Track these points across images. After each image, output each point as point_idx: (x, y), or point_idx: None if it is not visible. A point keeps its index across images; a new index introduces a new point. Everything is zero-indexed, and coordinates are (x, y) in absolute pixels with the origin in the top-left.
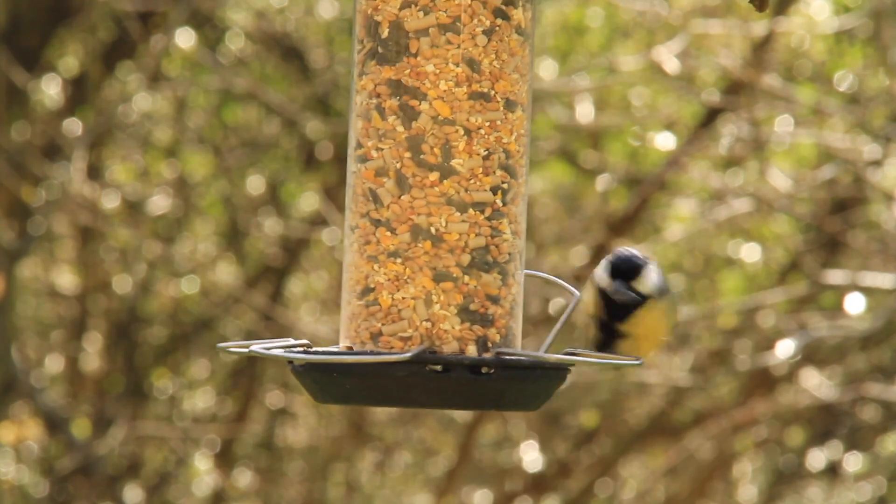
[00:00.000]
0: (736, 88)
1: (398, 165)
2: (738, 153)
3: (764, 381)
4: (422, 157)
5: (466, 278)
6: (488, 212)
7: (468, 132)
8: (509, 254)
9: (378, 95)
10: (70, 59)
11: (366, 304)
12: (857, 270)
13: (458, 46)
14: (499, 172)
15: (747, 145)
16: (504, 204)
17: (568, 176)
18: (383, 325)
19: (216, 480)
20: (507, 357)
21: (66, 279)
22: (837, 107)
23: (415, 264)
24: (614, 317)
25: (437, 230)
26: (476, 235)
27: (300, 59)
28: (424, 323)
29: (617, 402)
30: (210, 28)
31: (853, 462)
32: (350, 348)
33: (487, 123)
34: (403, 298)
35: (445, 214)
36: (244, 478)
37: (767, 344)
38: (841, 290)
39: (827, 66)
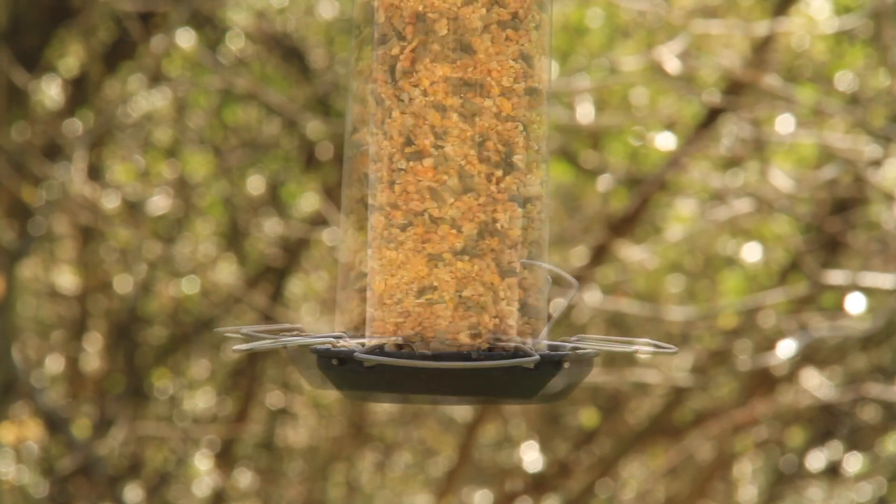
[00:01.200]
0: (736, 89)
1: (462, 163)
2: (739, 153)
3: (764, 382)
4: (486, 153)
5: (526, 272)
6: (539, 205)
7: (525, 128)
8: (546, 246)
9: (435, 93)
10: (70, 60)
11: (427, 301)
12: (858, 271)
13: (517, 42)
14: (543, 166)
15: (748, 145)
16: (546, 196)
17: (568, 176)
18: (450, 322)
19: (216, 481)
20: (581, 351)
21: (67, 279)
22: (838, 107)
23: (482, 262)
24: None
25: (502, 226)
26: (532, 229)
27: (300, 60)
28: (493, 319)
29: (617, 402)
30: (210, 28)
31: (853, 462)
32: (400, 346)
33: (538, 118)
34: (472, 296)
35: (509, 211)
36: (244, 478)
37: (768, 344)
38: (841, 291)
39: (827, 66)
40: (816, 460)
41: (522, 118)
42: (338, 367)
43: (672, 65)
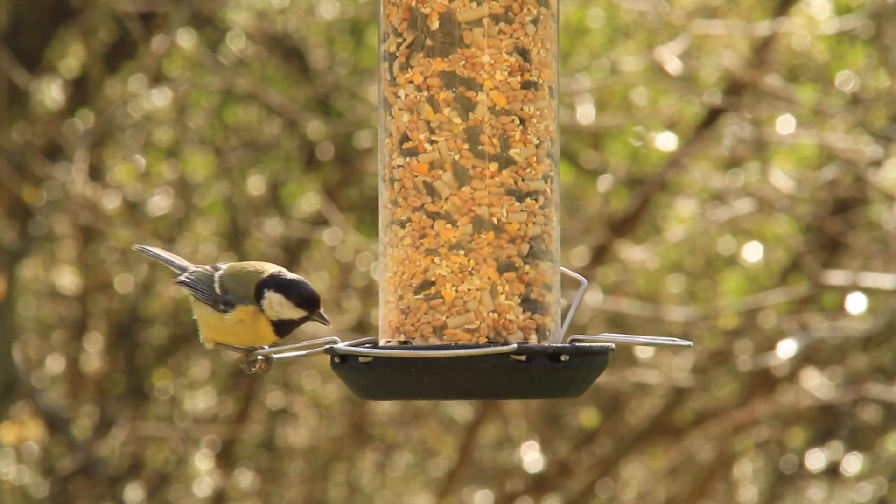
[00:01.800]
0: (737, 89)
1: (456, 157)
2: (740, 153)
3: (765, 382)
4: (480, 147)
5: (527, 267)
6: (541, 200)
7: (522, 121)
8: (556, 241)
9: (429, 88)
10: (71, 60)
11: (425, 297)
12: (858, 271)
13: (511, 36)
14: (547, 161)
15: (748, 146)
16: (552, 192)
17: (569, 176)
18: (448, 317)
19: (217, 481)
20: (583, 344)
21: (67, 279)
22: (838, 107)
23: (479, 255)
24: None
25: (498, 220)
26: (534, 224)
27: (301, 60)
28: (491, 314)
29: (618, 402)
30: (211, 29)
31: (854, 462)
32: (405, 342)
33: (538, 112)
34: (469, 290)
35: (506, 204)
36: (245, 478)
37: (768, 344)
38: (842, 291)
39: (828, 66)
40: (817, 460)
41: (519, 112)
42: (340, 365)
43: (673, 65)
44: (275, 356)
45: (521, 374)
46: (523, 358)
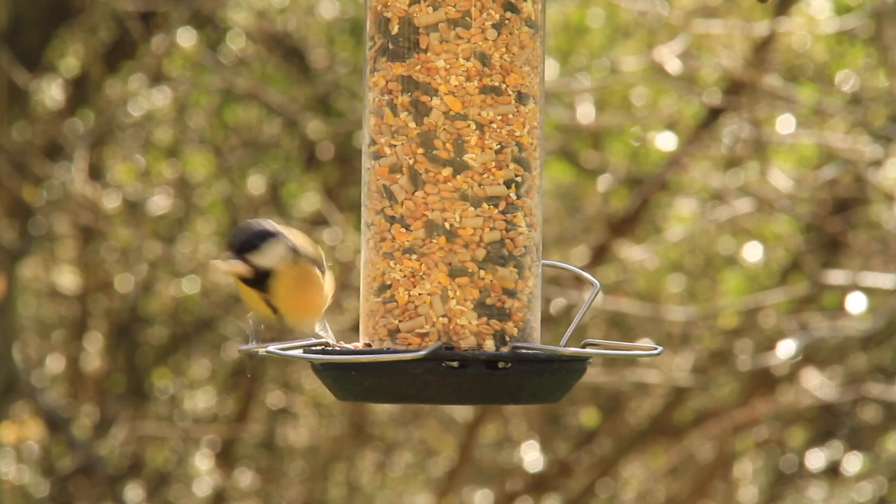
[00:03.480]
0: (737, 89)
1: (411, 161)
2: (739, 153)
3: (765, 382)
4: (434, 152)
5: (482, 273)
6: (502, 205)
7: (480, 126)
8: (525, 247)
9: (390, 92)
10: (71, 59)
11: (383, 300)
12: (858, 271)
13: (469, 41)
14: (512, 166)
15: (748, 145)
16: (518, 197)
17: (569, 176)
18: (400, 321)
19: (217, 480)
20: (523, 351)
21: (67, 279)
22: (838, 107)
23: (430, 260)
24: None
25: (451, 225)
26: (491, 229)
27: (301, 59)
28: (441, 319)
29: (618, 402)
30: (211, 28)
31: (854, 462)
32: (368, 345)
33: (499, 117)
34: (420, 294)
35: (459, 209)
36: (245, 478)
37: (768, 344)
38: (842, 291)
39: (828, 66)
40: (817, 460)
41: (476, 117)
42: (319, 370)
43: (672, 65)
44: (260, 351)
45: (455, 381)
46: (455, 364)
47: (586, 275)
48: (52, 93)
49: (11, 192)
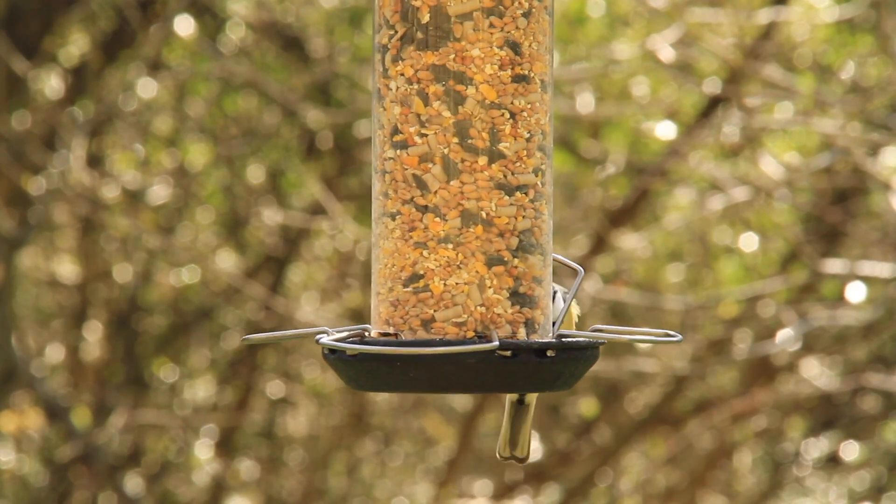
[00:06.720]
0: (736, 78)
1: (445, 150)
2: (738, 142)
3: (764, 371)
4: (470, 141)
5: (516, 261)
6: (531, 194)
7: (513, 115)
8: (547, 234)
9: (419, 81)
10: (70, 48)
11: (414, 290)
12: (857, 260)
13: (502, 29)
14: (538, 154)
15: (747, 134)
16: (543, 185)
17: (568, 165)
18: (436, 311)
19: (217, 469)
20: (568, 339)
21: (67, 268)
22: (837, 96)
23: (467, 249)
24: None
25: (487, 214)
26: (523, 218)
27: (300, 49)
28: (479, 308)
29: (617, 391)
30: (210, 17)
31: (853, 451)
32: (393, 335)
33: (529, 106)
34: (457, 284)
35: (496, 198)
36: (245, 467)
37: (767, 333)
38: (841, 280)
39: (827, 55)
40: (816, 449)
41: (510, 106)
42: (330, 356)
43: (666, 53)
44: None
45: (507, 370)
46: (509, 353)
47: (569, 262)
48: (51, 82)
49: (11, 181)
